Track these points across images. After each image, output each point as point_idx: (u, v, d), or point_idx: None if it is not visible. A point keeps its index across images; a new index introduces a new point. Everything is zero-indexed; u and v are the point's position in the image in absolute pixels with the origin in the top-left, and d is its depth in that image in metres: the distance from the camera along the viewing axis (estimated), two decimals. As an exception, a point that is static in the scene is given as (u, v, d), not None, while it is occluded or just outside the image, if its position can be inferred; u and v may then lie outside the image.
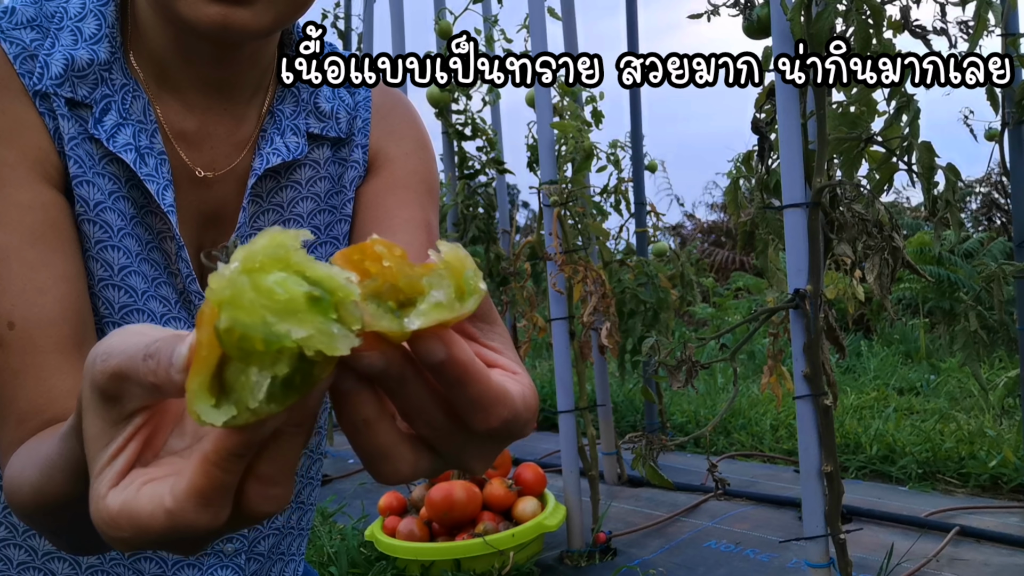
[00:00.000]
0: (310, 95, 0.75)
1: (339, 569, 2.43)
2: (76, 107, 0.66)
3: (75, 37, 0.66)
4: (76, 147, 0.66)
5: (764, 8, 1.89)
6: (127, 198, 0.67)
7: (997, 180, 6.90)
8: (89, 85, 0.66)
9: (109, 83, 0.67)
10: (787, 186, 1.76)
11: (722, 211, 11.79)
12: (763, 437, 3.88)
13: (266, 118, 0.74)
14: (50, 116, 0.66)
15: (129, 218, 0.67)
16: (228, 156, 0.73)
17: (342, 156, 0.77)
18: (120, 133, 0.66)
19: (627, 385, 4.85)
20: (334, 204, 0.77)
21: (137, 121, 0.68)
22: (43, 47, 0.66)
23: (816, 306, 1.75)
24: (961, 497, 2.98)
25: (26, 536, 0.72)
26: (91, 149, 0.66)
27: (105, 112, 0.66)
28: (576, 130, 2.67)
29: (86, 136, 0.66)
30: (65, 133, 0.66)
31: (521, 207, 15.06)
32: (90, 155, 0.66)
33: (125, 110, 0.67)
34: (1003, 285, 2.08)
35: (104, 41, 0.67)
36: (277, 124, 0.74)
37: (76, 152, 0.66)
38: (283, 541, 0.81)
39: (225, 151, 0.72)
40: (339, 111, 0.76)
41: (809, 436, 1.78)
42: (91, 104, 0.66)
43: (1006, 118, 2.26)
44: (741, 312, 7.02)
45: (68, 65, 0.65)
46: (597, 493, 2.71)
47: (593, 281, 2.51)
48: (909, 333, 6.32)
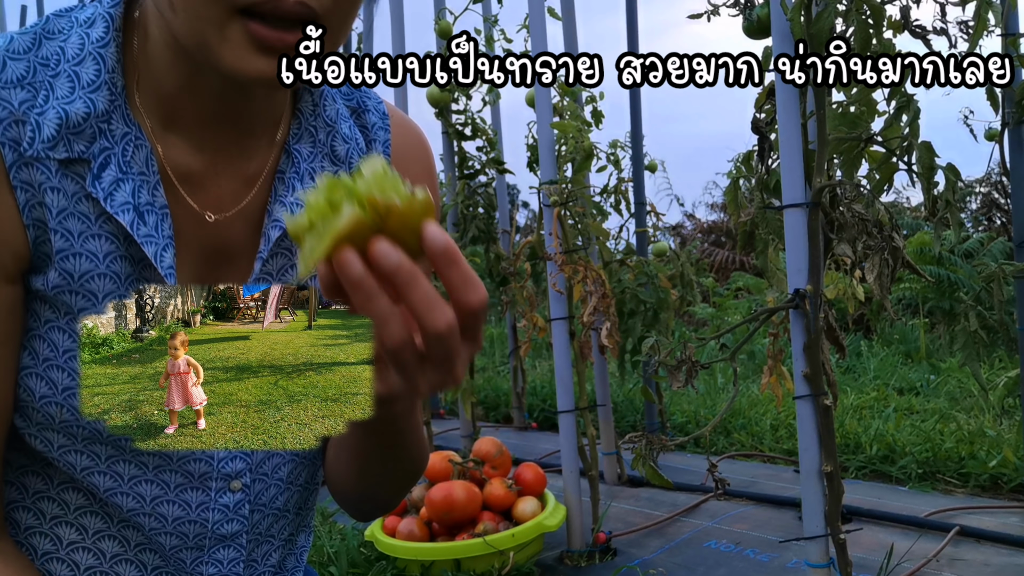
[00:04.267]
0: (327, 136, 0.74)
1: (339, 569, 2.43)
2: (72, 164, 0.63)
3: (72, 84, 0.63)
4: (68, 217, 0.63)
5: (764, 8, 1.88)
6: (125, 257, 0.66)
7: (997, 180, 6.91)
8: (86, 140, 0.63)
9: (108, 135, 0.64)
10: (787, 186, 1.76)
11: (722, 211, 11.79)
12: (763, 437, 3.88)
13: (282, 157, 0.72)
14: (33, 190, 0.62)
15: (124, 278, 0.66)
16: (236, 193, 0.71)
17: None
18: (119, 190, 0.64)
19: (627, 385, 4.85)
20: None
21: (138, 173, 0.65)
22: (35, 106, 0.62)
23: (816, 306, 1.75)
24: (961, 497, 2.98)
25: (27, 535, 0.72)
26: (89, 208, 0.64)
27: (104, 167, 0.63)
28: (576, 130, 2.67)
29: (83, 195, 0.64)
30: (53, 206, 0.63)
31: (521, 207, 15.05)
32: (86, 216, 0.64)
33: (126, 163, 0.64)
34: (1003, 285, 2.08)
35: (103, 88, 0.63)
36: (296, 167, 0.72)
37: (66, 224, 0.63)
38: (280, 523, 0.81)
39: (232, 188, 0.70)
40: (352, 155, 0.75)
41: (809, 436, 1.78)
42: (89, 159, 0.63)
43: (1006, 118, 2.26)
44: (741, 312, 7.02)
45: (63, 123, 0.62)
46: (597, 493, 2.71)
47: (593, 281, 2.51)
48: (909, 333, 6.32)
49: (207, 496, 0.72)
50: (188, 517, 0.72)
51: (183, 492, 0.71)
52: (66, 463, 0.69)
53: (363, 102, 0.78)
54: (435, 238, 0.47)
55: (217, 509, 0.72)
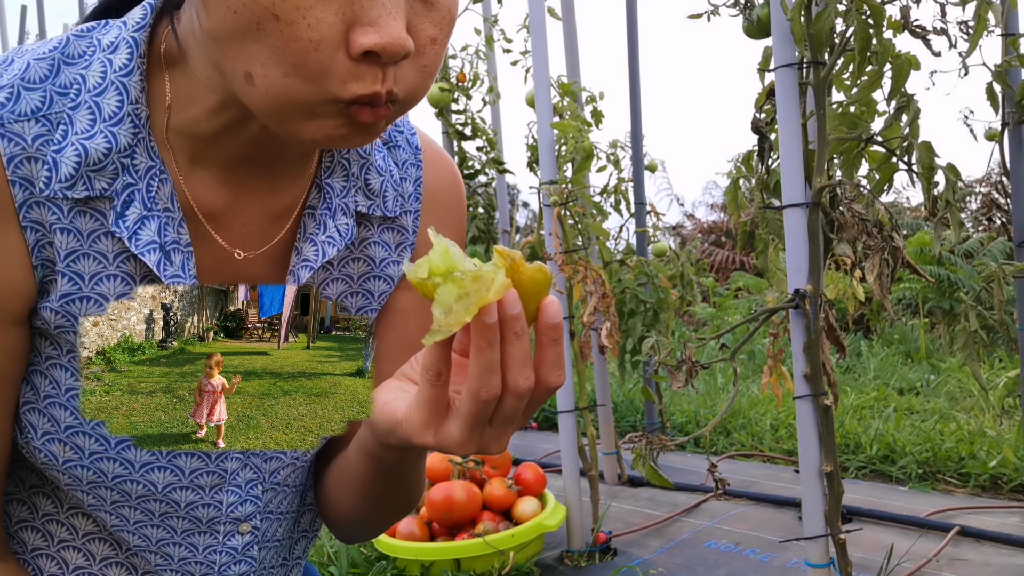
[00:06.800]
0: (361, 169, 0.70)
1: (339, 569, 2.43)
2: (91, 201, 0.59)
3: (93, 116, 0.58)
4: (80, 258, 0.60)
5: (764, 8, 1.89)
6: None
7: (997, 180, 6.90)
8: (108, 177, 0.59)
9: (131, 170, 0.60)
10: (787, 186, 1.76)
11: (722, 211, 11.79)
12: (763, 437, 3.88)
13: (312, 191, 0.69)
14: (44, 230, 0.59)
15: None
16: (262, 230, 0.68)
17: (384, 239, 0.73)
18: (144, 228, 0.60)
19: (627, 385, 4.85)
20: (368, 288, 0.74)
21: (163, 210, 0.61)
22: (51, 143, 0.58)
23: (816, 306, 1.75)
24: (961, 497, 2.98)
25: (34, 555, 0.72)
26: (108, 247, 0.61)
27: (128, 204, 0.60)
28: (576, 130, 2.67)
29: (102, 233, 0.60)
30: (62, 248, 0.59)
31: (521, 207, 15.05)
32: (103, 255, 0.61)
33: (150, 198, 0.61)
34: (1003, 285, 2.07)
35: (126, 121, 0.59)
36: (328, 203, 0.68)
37: (76, 267, 0.60)
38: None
39: (258, 225, 0.67)
40: (387, 188, 0.72)
41: (809, 436, 1.78)
42: (112, 197, 0.59)
43: (1006, 118, 2.25)
44: (741, 312, 7.02)
45: (82, 161, 0.57)
46: (597, 493, 2.71)
47: (593, 281, 2.51)
48: (909, 333, 6.32)
49: (215, 539, 0.71)
50: (194, 558, 0.71)
51: (190, 536, 0.70)
52: (73, 497, 0.68)
53: (393, 136, 0.75)
54: (553, 311, 0.51)
55: (224, 552, 0.71)
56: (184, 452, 0.66)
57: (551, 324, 0.51)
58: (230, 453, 0.68)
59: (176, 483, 0.67)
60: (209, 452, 0.67)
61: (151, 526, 0.69)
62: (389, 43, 0.51)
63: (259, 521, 0.72)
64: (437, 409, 0.53)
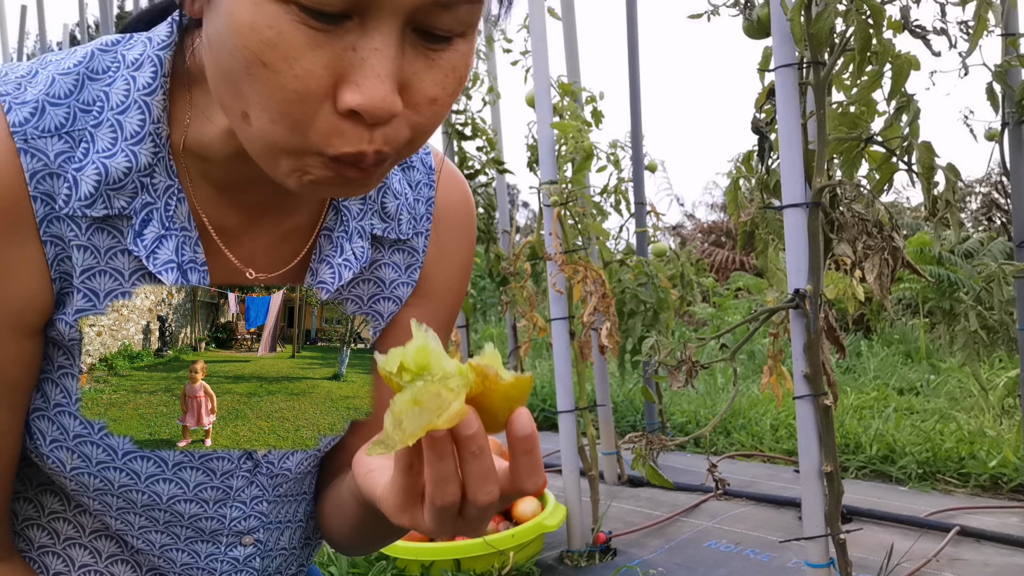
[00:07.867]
0: (378, 192, 0.70)
1: (339, 569, 2.43)
2: (110, 218, 0.60)
3: (115, 135, 0.58)
4: (96, 275, 0.60)
5: (764, 8, 1.88)
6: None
7: (997, 180, 6.91)
8: (127, 195, 0.59)
9: (151, 189, 0.60)
10: (787, 186, 1.76)
11: (722, 211, 11.79)
12: (763, 437, 3.88)
13: (329, 213, 0.69)
14: (62, 244, 0.59)
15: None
16: (272, 248, 0.68)
17: (395, 261, 0.73)
18: (162, 247, 0.61)
19: (627, 385, 4.85)
20: (377, 309, 0.74)
21: (181, 229, 0.62)
22: (72, 160, 0.58)
23: (816, 306, 1.75)
24: (961, 497, 2.98)
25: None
26: (124, 264, 0.61)
27: (146, 223, 0.60)
28: (576, 130, 2.67)
29: (120, 250, 0.61)
30: (78, 265, 0.60)
31: (521, 207, 15.06)
32: (119, 272, 0.61)
33: (168, 217, 0.61)
34: (1003, 285, 2.08)
35: (147, 140, 0.59)
36: (344, 225, 0.68)
37: (91, 283, 0.60)
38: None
39: (268, 243, 0.67)
40: (402, 211, 0.72)
41: (809, 436, 1.78)
42: (130, 215, 0.60)
43: (1006, 118, 2.26)
44: (741, 312, 7.02)
45: (102, 179, 0.58)
46: (597, 493, 2.71)
47: (593, 281, 2.51)
48: (909, 333, 6.32)
49: (217, 549, 0.71)
50: (196, 564, 0.71)
51: (193, 543, 0.71)
52: (80, 500, 0.69)
53: (409, 158, 0.73)
54: (523, 423, 0.49)
55: (226, 561, 0.72)
56: (189, 466, 0.67)
57: (520, 436, 0.49)
58: (236, 471, 0.69)
59: (180, 495, 0.68)
60: (214, 468, 0.68)
61: (155, 532, 0.70)
62: (371, 105, 0.49)
63: (262, 534, 0.73)
64: (411, 495, 0.52)
